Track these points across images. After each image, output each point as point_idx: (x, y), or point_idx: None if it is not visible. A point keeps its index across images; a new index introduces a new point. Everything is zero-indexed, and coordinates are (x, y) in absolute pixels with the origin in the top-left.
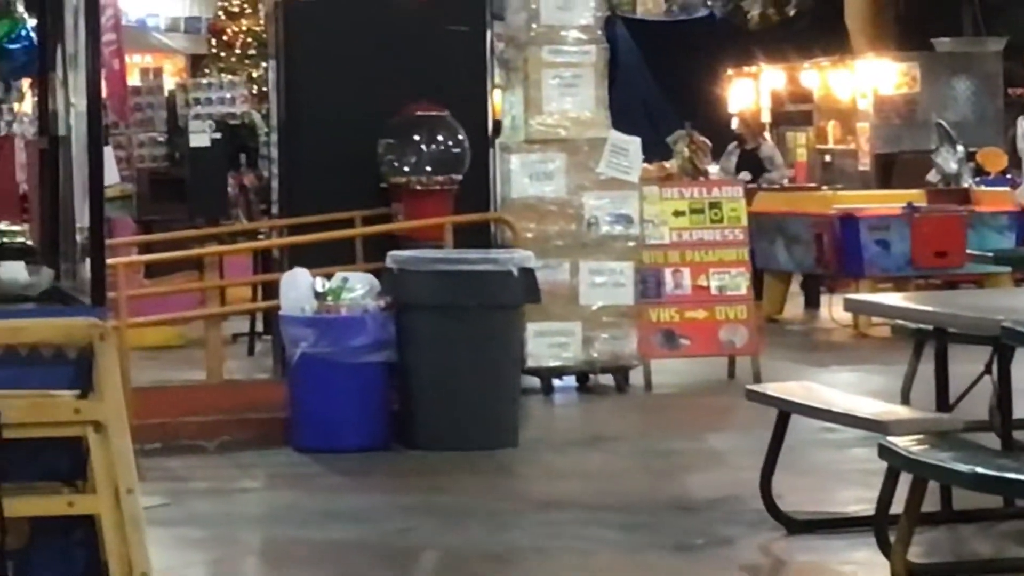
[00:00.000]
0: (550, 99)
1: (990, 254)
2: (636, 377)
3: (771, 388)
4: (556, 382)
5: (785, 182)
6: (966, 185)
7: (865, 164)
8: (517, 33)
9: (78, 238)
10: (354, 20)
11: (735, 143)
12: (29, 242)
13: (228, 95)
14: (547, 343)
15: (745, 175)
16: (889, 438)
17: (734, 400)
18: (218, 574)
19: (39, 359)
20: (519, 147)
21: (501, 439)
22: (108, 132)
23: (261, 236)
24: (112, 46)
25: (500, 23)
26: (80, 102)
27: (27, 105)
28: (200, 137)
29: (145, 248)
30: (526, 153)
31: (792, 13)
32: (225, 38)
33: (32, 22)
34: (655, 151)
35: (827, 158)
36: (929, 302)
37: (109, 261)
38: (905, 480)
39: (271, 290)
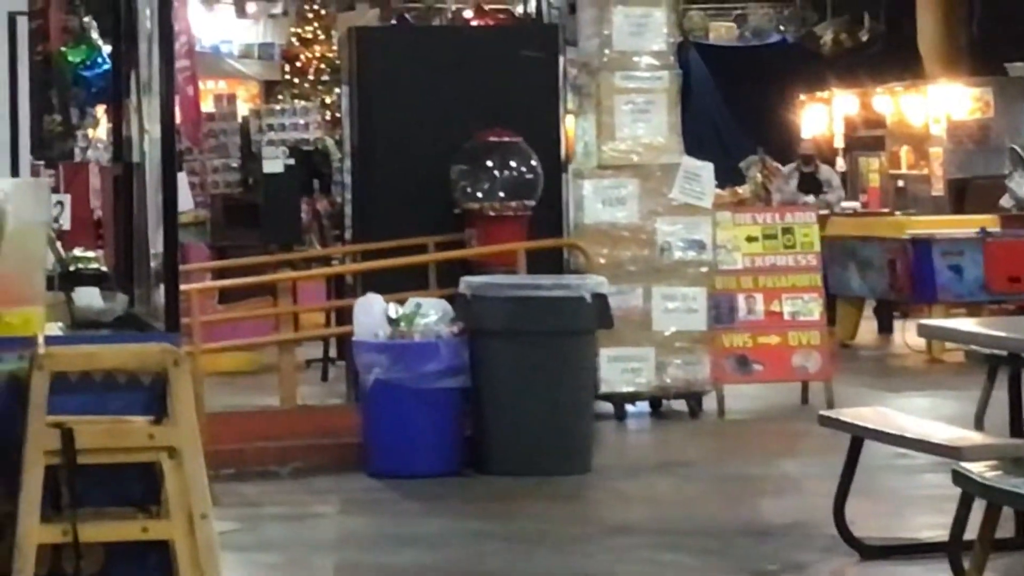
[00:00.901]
0: (623, 125)
1: None
2: (709, 403)
3: (844, 413)
4: (629, 407)
5: (842, 205)
6: None
7: (938, 189)
8: (590, 59)
9: (152, 264)
10: (427, 46)
11: (793, 165)
12: (104, 268)
13: (301, 121)
14: (620, 368)
15: (804, 196)
16: (963, 464)
17: (807, 426)
18: None
19: (114, 385)
20: (592, 173)
21: (574, 465)
22: (182, 158)
23: (334, 262)
24: (186, 72)
25: (573, 49)
26: (154, 128)
27: (101, 131)
28: (274, 163)
29: (218, 274)
30: (599, 179)
31: (865, 38)
32: (298, 64)
33: (107, 49)
34: (727, 177)
35: (900, 183)
36: (1003, 328)
37: (183, 287)
38: (979, 506)
39: (344, 316)
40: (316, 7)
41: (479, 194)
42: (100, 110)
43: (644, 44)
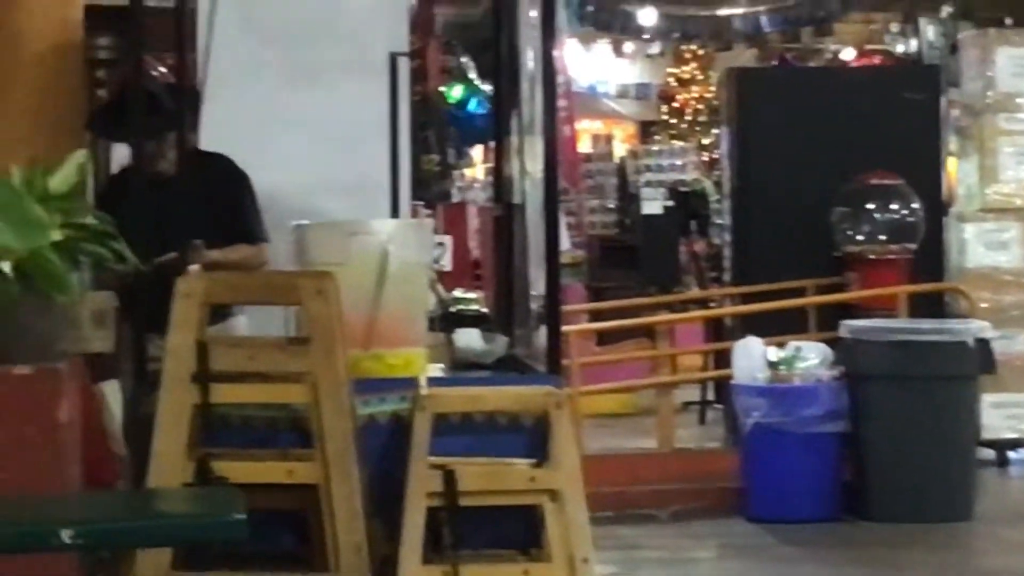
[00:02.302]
0: (1006, 167)
1: None
2: None
3: None
4: (1011, 454)
5: None
6: None
7: None
8: (972, 101)
9: (532, 305)
10: (807, 87)
11: None
12: (484, 309)
13: (678, 162)
14: (1003, 415)
15: None
16: None
17: None
18: None
19: (495, 427)
20: (974, 216)
21: (955, 512)
22: (559, 199)
23: (712, 304)
24: (563, 112)
25: (955, 90)
26: (536, 169)
27: (478, 171)
28: (652, 204)
29: (595, 315)
30: (981, 222)
31: None
32: (675, 104)
33: (485, 89)
34: None
35: None
36: None
37: (563, 328)
38: None
39: (722, 358)
40: (693, 47)
41: (860, 237)
42: (476, 150)
43: None
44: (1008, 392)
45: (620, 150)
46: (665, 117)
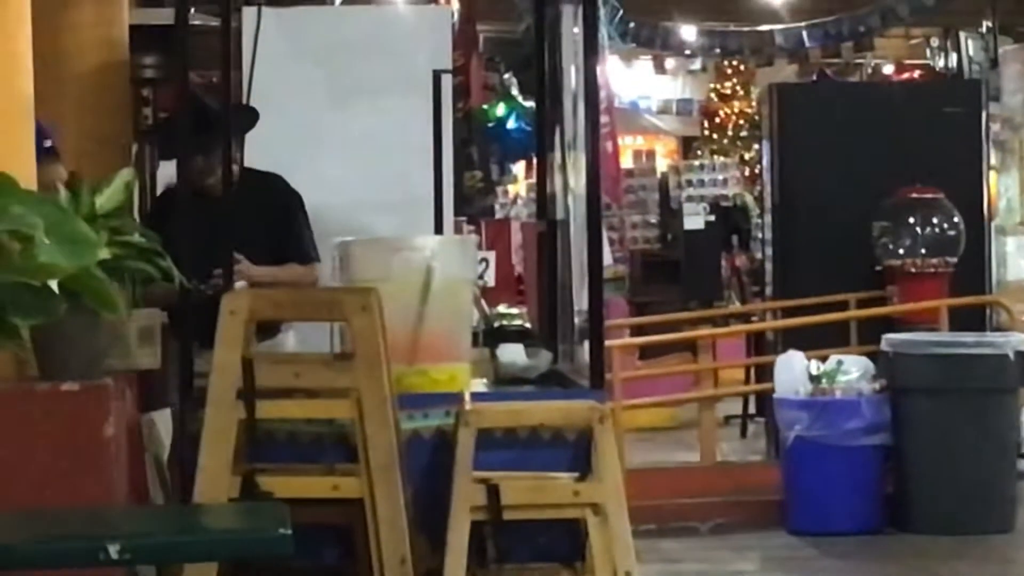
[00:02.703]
0: None
1: None
2: None
3: None
4: None
5: None
6: None
7: None
8: (1013, 114)
9: (576, 320)
10: (848, 102)
11: None
12: (527, 324)
13: (720, 177)
14: None
15: None
16: None
17: None
18: None
19: (538, 441)
20: (1015, 229)
21: (997, 524)
22: (601, 214)
23: (754, 318)
24: (605, 128)
25: (995, 104)
26: (579, 185)
27: (520, 187)
28: (694, 219)
29: (637, 330)
30: (1022, 235)
31: None
32: (717, 120)
33: (527, 105)
34: None
35: None
36: None
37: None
38: None
39: (764, 372)
40: (735, 63)
41: (901, 251)
42: (519, 166)
43: None
44: None
45: (662, 165)
46: (707, 132)
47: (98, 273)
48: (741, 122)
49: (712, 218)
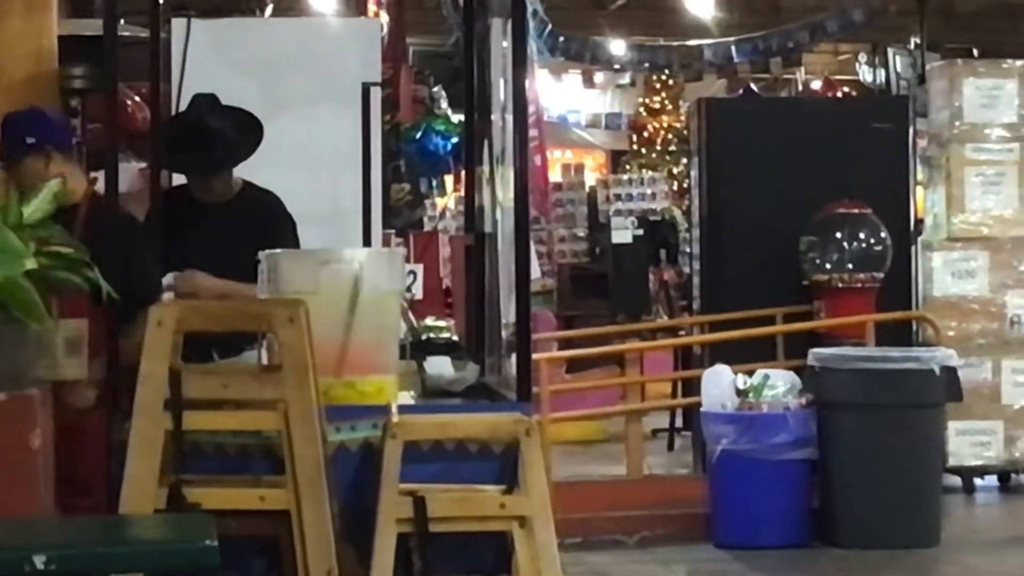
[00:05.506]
0: (973, 197)
1: None
2: None
3: None
4: (977, 481)
5: None
6: None
7: None
8: (940, 131)
9: (503, 333)
10: (776, 117)
11: None
12: (455, 337)
13: (648, 191)
14: (968, 442)
15: None
16: None
17: None
18: None
19: (465, 454)
20: (941, 245)
21: (922, 538)
22: (529, 228)
23: (682, 332)
24: (534, 141)
25: (923, 120)
26: (507, 198)
27: (448, 200)
28: (622, 233)
29: (565, 343)
30: (948, 251)
31: None
32: (646, 134)
33: (456, 118)
34: None
35: None
36: None
37: (533, 356)
38: None
39: (691, 386)
40: (664, 77)
41: (828, 265)
42: (447, 179)
43: (995, 116)
44: (974, 419)
45: (591, 179)
46: (635, 147)
47: (25, 283)
48: (670, 136)
49: (640, 232)
